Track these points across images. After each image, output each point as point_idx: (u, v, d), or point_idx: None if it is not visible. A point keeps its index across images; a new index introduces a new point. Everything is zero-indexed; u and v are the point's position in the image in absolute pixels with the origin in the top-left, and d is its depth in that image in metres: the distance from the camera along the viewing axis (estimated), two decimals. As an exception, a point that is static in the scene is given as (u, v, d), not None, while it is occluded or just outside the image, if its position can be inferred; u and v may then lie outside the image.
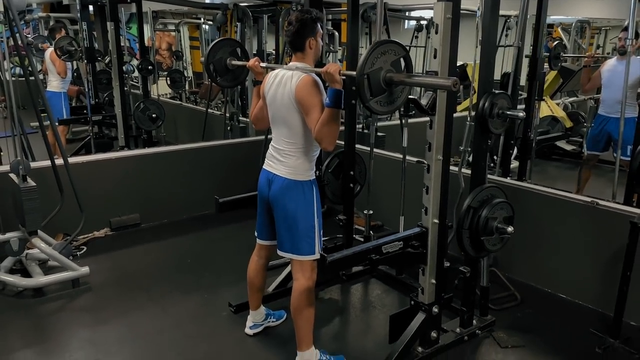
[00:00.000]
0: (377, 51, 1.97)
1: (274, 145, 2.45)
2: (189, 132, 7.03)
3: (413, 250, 2.48)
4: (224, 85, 2.93)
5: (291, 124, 2.34)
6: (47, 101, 3.60)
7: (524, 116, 2.57)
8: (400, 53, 2.04)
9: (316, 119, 2.20)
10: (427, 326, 2.58)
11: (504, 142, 4.01)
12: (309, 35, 2.32)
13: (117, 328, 2.90)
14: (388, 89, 2.02)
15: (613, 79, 4.39)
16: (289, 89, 2.28)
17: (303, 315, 2.41)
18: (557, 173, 6.39)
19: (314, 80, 2.26)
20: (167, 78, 8.28)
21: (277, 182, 2.39)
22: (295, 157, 2.37)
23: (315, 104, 2.22)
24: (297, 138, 2.35)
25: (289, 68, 2.35)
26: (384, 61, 1.99)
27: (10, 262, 3.39)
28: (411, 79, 2.02)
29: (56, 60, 5.86)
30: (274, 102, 2.40)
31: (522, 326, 2.95)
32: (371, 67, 1.95)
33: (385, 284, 3.44)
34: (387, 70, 1.99)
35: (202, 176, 4.63)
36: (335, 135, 2.20)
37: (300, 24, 2.29)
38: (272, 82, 2.41)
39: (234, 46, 2.93)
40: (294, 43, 2.33)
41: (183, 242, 4.13)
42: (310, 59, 2.36)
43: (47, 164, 3.51)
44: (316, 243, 2.40)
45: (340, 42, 8.92)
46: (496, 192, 2.60)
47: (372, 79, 1.96)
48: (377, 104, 2.01)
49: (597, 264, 3.10)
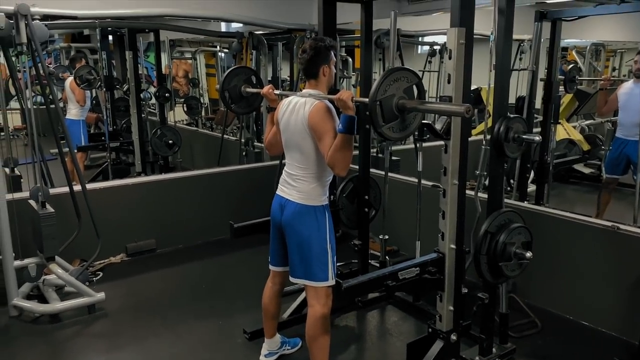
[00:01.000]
0: (390, 78, 1.98)
1: (287, 170, 2.46)
2: (205, 158, 7.10)
3: (430, 276, 2.44)
4: (239, 112, 2.97)
5: (304, 150, 2.36)
6: (66, 129, 3.66)
7: (540, 140, 2.55)
8: (412, 80, 2.05)
9: (329, 144, 2.21)
10: (445, 354, 2.52)
11: (521, 166, 3.99)
12: (323, 62, 2.35)
13: (132, 354, 2.89)
14: (401, 116, 2.03)
15: (630, 102, 4.36)
16: (302, 115, 2.31)
17: (318, 342, 2.38)
18: (575, 197, 6.29)
19: (327, 107, 2.28)
20: (184, 105, 8.41)
21: (289, 208, 2.39)
22: (308, 182, 2.37)
23: (327, 130, 2.24)
24: (310, 164, 2.36)
25: (302, 95, 2.37)
26: (397, 88, 2.00)
27: (28, 287, 3.42)
28: (423, 105, 2.02)
29: (75, 89, 5.99)
30: (287, 128, 2.42)
31: (543, 354, 2.88)
32: (384, 93, 1.97)
33: (402, 311, 3.39)
34: (399, 97, 2.00)
35: (217, 201, 4.65)
36: (348, 161, 2.21)
37: (314, 52, 2.33)
38: (285, 109, 2.44)
39: (248, 74, 2.97)
40: (308, 70, 2.37)
41: (198, 268, 4.13)
42: (323, 86, 2.39)
43: (66, 190, 3.56)
44: (330, 269, 2.38)
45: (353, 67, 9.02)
46: (513, 216, 2.56)
47: (384, 106, 1.97)
48: (390, 130, 2.02)
49: (619, 290, 3.02)
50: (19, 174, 4.06)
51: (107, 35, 6.33)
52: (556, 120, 4.13)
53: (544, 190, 4.15)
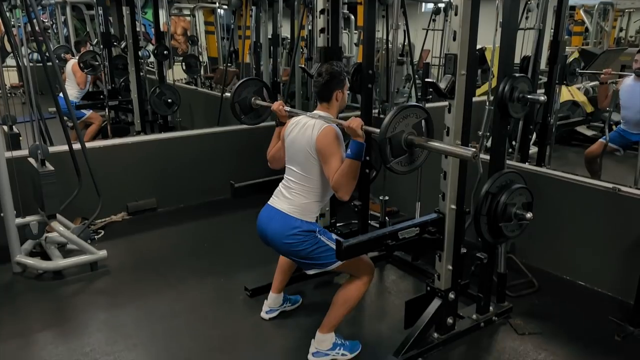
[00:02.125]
0: (400, 116, 2.02)
1: (285, 183, 2.49)
2: (204, 117, 7.04)
3: (430, 236, 2.45)
4: (247, 123, 3.04)
5: (308, 170, 2.38)
6: (63, 85, 3.61)
7: (545, 100, 2.52)
8: (421, 115, 2.09)
9: (334, 168, 2.24)
10: (443, 312, 2.56)
11: (523, 127, 3.95)
12: (337, 87, 2.41)
13: (134, 311, 2.94)
14: (409, 150, 2.09)
15: (632, 100, 4.28)
16: (310, 137, 2.34)
17: (347, 305, 2.43)
18: (576, 159, 6.26)
19: (336, 132, 2.31)
20: (183, 63, 8.27)
21: (278, 219, 2.39)
22: (304, 197, 2.40)
23: (334, 154, 2.27)
24: (312, 183, 2.39)
25: (312, 116, 2.41)
26: (406, 124, 2.06)
27: (30, 245, 3.45)
28: (429, 144, 2.05)
29: (77, 72, 5.98)
30: (292, 146, 2.45)
31: (539, 313, 2.92)
32: (393, 130, 2.02)
33: (400, 270, 3.43)
34: (408, 133, 2.06)
35: (218, 161, 4.64)
36: (352, 186, 2.24)
37: (329, 77, 2.38)
38: (293, 127, 2.47)
39: (258, 86, 3.02)
40: (322, 93, 2.42)
41: (199, 227, 4.16)
42: (335, 109, 2.44)
43: (65, 149, 3.54)
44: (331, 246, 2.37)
45: (356, 25, 8.83)
46: (515, 177, 2.55)
47: (393, 142, 2.03)
48: (398, 164, 2.09)
49: (617, 251, 3.05)
50: (17, 132, 4.02)
51: (104, -10, 6.17)
52: (561, 81, 4.05)
53: (546, 152, 4.12)
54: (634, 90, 4.25)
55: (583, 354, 2.59)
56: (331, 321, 2.46)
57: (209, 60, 10.29)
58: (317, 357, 2.46)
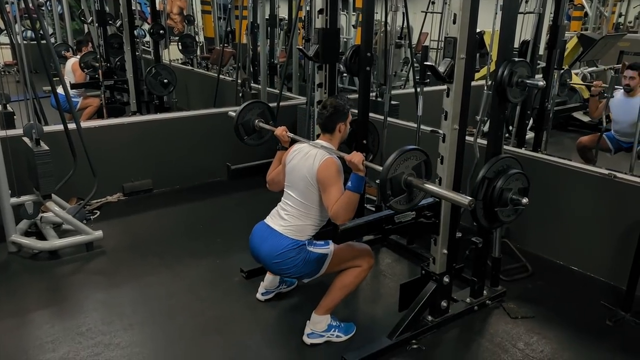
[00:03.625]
0: (401, 158, 2.07)
1: (282, 206, 2.53)
2: (200, 98, 6.99)
3: (426, 220, 2.46)
4: (251, 144, 3.06)
5: (307, 197, 2.42)
6: (58, 63, 3.56)
7: (544, 85, 2.51)
8: (421, 158, 2.14)
9: (334, 198, 2.28)
10: (437, 295, 2.59)
11: (520, 112, 3.94)
12: (340, 120, 2.48)
13: (130, 291, 2.95)
14: (407, 190, 2.12)
15: (622, 116, 4.29)
16: (311, 166, 2.38)
17: (345, 289, 2.48)
18: (573, 145, 6.24)
19: (337, 164, 2.37)
20: (179, 43, 8.19)
21: (270, 239, 2.43)
22: (301, 220, 2.44)
23: (333, 184, 2.31)
24: (310, 210, 2.43)
25: (315, 145, 2.46)
26: (406, 166, 2.10)
27: (26, 224, 3.44)
28: (426, 187, 2.10)
29: (77, 71, 5.96)
30: (292, 172, 2.49)
31: (532, 297, 2.95)
32: (394, 172, 2.06)
33: (395, 253, 3.45)
34: (408, 174, 2.10)
35: (214, 143, 4.61)
36: (351, 215, 2.27)
37: (334, 110, 2.45)
38: (295, 153, 2.51)
39: (262, 108, 3.05)
40: (325, 125, 2.49)
41: (195, 208, 4.16)
42: (336, 140, 2.51)
43: (60, 128, 3.51)
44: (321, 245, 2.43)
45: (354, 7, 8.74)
46: (512, 162, 2.56)
47: (393, 182, 2.08)
48: (397, 203, 2.12)
49: (611, 237, 3.07)
50: (11, 111, 3.99)
51: (98, -33, 6.07)
52: (560, 66, 4.04)
53: (542, 137, 4.13)
54: (624, 106, 4.25)
55: (574, 338, 2.62)
56: (328, 304, 2.48)
57: (205, 40, 10.18)
58: (312, 338, 2.48)
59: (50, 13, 9.35)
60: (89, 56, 6.01)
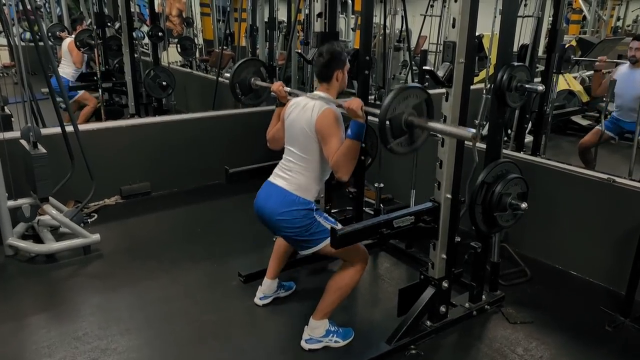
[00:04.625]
0: (400, 97, 1.99)
1: (284, 163, 2.48)
2: (199, 101, 6.98)
3: (424, 225, 2.45)
4: (248, 104, 3.03)
5: (307, 151, 2.37)
6: (56, 65, 3.55)
7: (543, 90, 2.50)
8: (421, 97, 2.06)
9: (334, 148, 2.22)
10: (436, 300, 2.57)
11: (519, 116, 3.94)
12: (337, 67, 2.38)
13: (128, 295, 2.93)
14: (409, 131, 2.06)
15: (626, 88, 4.28)
16: (310, 118, 2.32)
17: (341, 292, 2.44)
18: (571, 148, 6.26)
19: (335, 113, 2.29)
20: (178, 45, 8.18)
21: (276, 196, 2.39)
22: (304, 176, 2.39)
23: (333, 134, 2.25)
24: (311, 163, 2.38)
25: (312, 97, 2.39)
26: (406, 105, 2.03)
27: (23, 227, 3.42)
28: (429, 125, 2.03)
29: (74, 51, 5.87)
30: (292, 127, 2.43)
31: (531, 302, 2.94)
32: (393, 112, 1.98)
33: (394, 257, 3.44)
34: (408, 114, 2.02)
35: (212, 145, 4.60)
36: (352, 166, 2.22)
37: (330, 57, 2.35)
38: (293, 107, 2.45)
39: (257, 66, 2.98)
40: (322, 74, 2.39)
41: (193, 211, 4.14)
42: (335, 90, 2.42)
43: (58, 131, 3.50)
44: (323, 225, 2.37)
45: (353, 10, 8.74)
46: (511, 167, 2.55)
47: (393, 123, 2.00)
48: (398, 145, 2.06)
49: (610, 242, 3.06)
50: (9, 113, 3.97)
51: (97, -32, 6.07)
52: (559, 70, 4.04)
53: (541, 141, 4.12)
54: (629, 78, 4.26)
55: (574, 344, 2.61)
56: (324, 308, 2.46)
57: (204, 42, 10.19)
58: (310, 344, 2.46)
59: (50, 15, 9.34)
60: (84, 34, 5.86)
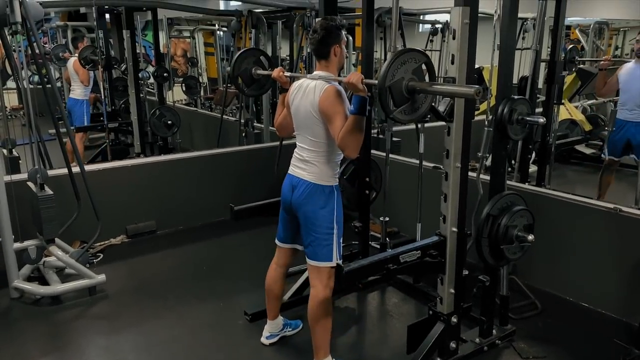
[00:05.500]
0: (397, 62, 1.93)
1: (299, 152, 2.46)
2: (204, 139, 7.06)
3: (431, 259, 2.43)
4: (251, 95, 2.97)
5: (315, 133, 2.35)
6: (64, 109, 3.62)
7: (544, 122, 2.52)
8: (420, 60, 2.00)
9: (339, 126, 2.20)
10: (446, 336, 2.53)
11: (522, 147, 3.95)
12: (334, 42, 2.33)
13: (133, 336, 2.90)
14: (411, 97, 1.99)
15: (631, 83, 4.31)
16: (313, 100, 2.30)
17: (320, 323, 2.39)
18: (576, 177, 6.27)
19: (337, 90, 2.26)
20: (182, 84, 8.33)
21: (300, 187, 2.40)
22: (318, 163, 2.37)
23: (338, 112, 2.22)
24: (321, 146, 2.36)
25: (313, 77, 2.37)
26: (405, 70, 1.96)
27: (28, 270, 3.42)
28: (432, 87, 1.97)
29: (80, 69, 5.97)
30: (298, 112, 2.42)
31: (543, 336, 2.89)
32: (392, 78, 1.93)
33: (402, 292, 3.39)
34: (409, 79, 1.96)
35: (217, 183, 4.63)
36: (359, 142, 2.20)
37: (325, 32, 2.30)
38: (296, 92, 2.43)
39: (257, 55, 2.95)
40: (319, 51, 2.35)
41: (199, 249, 4.13)
42: (334, 67, 2.38)
43: (65, 172, 3.53)
44: (334, 250, 2.37)
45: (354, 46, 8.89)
46: (516, 199, 2.55)
47: (394, 90, 1.93)
48: (401, 113, 1.99)
49: (620, 272, 3.02)
50: (17, 155, 4.02)
51: (104, 13, 6.24)
52: (559, 100, 4.08)
53: (546, 171, 4.13)
54: (634, 74, 4.30)
55: (588, 378, 2.55)
56: (318, 344, 2.42)
57: (208, 81, 10.36)
58: (318, 384, 2.41)
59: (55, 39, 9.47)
60: (86, 51, 5.89)
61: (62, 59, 6.75)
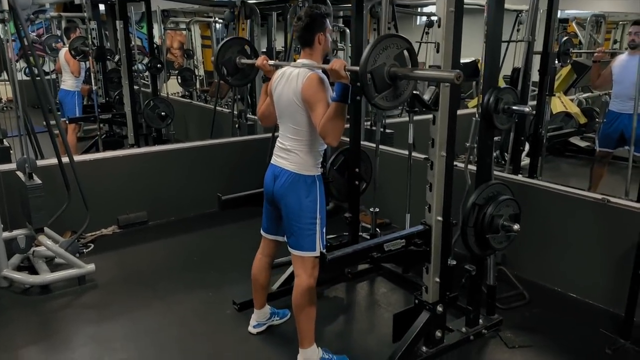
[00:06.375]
0: (379, 47, 1.93)
1: (281, 141, 2.45)
2: (198, 130, 7.05)
3: (416, 248, 2.44)
4: (235, 85, 2.95)
5: (297, 121, 2.34)
6: (53, 100, 3.60)
7: (530, 111, 2.52)
8: (402, 46, 1.99)
9: (321, 114, 2.19)
10: (431, 325, 2.54)
11: (515, 139, 3.95)
12: (318, 30, 2.33)
13: (122, 325, 2.91)
14: (393, 84, 1.98)
15: (625, 75, 4.30)
16: (295, 88, 2.29)
17: (305, 312, 2.40)
18: (570, 170, 6.28)
19: (320, 78, 2.25)
20: (178, 76, 8.31)
21: (282, 177, 2.39)
22: (301, 152, 2.36)
23: (320, 100, 2.22)
24: (303, 135, 2.35)
25: (296, 65, 2.35)
26: (387, 56, 1.95)
27: (18, 259, 3.42)
28: (413, 72, 1.97)
29: (70, 60, 5.93)
30: (280, 100, 2.40)
31: (530, 326, 2.89)
32: (374, 64, 1.92)
33: (391, 282, 3.40)
34: (390, 65, 1.95)
35: (209, 174, 4.62)
36: (339, 130, 2.18)
37: (309, 19, 2.30)
38: (279, 80, 2.42)
39: (241, 44, 2.92)
40: (303, 38, 2.34)
41: (190, 240, 4.13)
42: (318, 55, 2.37)
43: (55, 162, 3.53)
44: (317, 239, 2.38)
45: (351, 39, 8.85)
46: (502, 189, 2.54)
47: (376, 76, 1.92)
48: (383, 99, 1.98)
49: (607, 263, 3.03)
50: (7, 145, 4.02)
51: (98, 4, 6.21)
52: (551, 92, 4.06)
53: (538, 163, 4.12)
54: (627, 65, 4.28)
55: (573, 367, 2.56)
56: (303, 334, 2.43)
57: (205, 73, 10.33)
58: (304, 373, 2.42)
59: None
60: (77, 42, 5.82)
61: (55, 49, 6.71)
